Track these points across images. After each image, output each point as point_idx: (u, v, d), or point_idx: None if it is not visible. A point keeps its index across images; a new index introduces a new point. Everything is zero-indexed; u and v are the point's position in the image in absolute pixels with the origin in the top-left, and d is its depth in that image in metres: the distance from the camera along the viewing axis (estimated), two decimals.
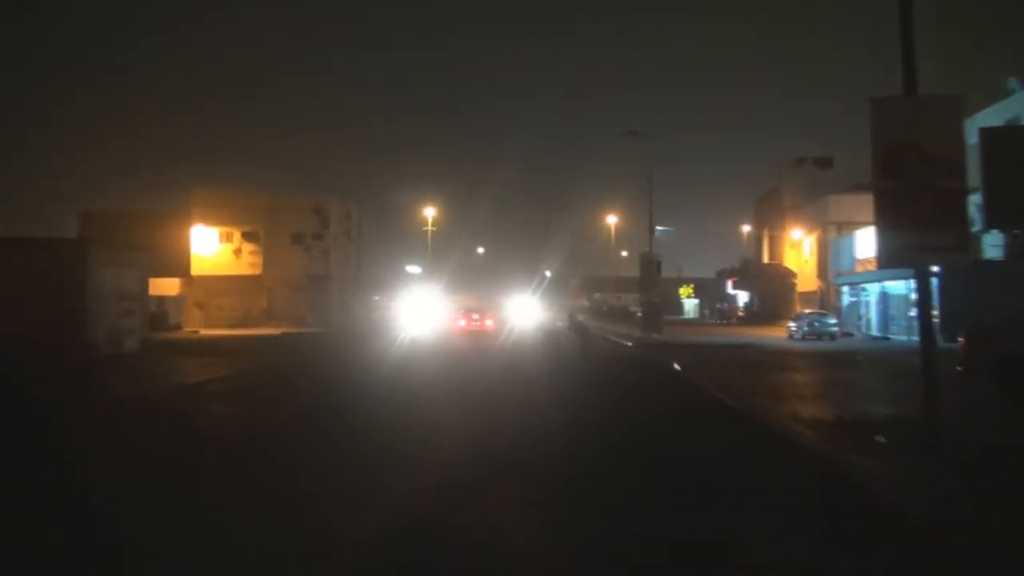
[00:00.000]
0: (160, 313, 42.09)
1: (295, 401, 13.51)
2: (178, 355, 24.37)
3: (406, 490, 7.01)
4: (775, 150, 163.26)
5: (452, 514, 6.31)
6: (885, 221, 9.20)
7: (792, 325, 38.53)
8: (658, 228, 41.02)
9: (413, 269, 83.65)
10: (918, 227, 8.99)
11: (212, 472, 7.80)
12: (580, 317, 28.38)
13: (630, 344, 32.36)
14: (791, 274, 59.06)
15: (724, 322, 65.68)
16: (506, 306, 60.15)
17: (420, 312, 55.00)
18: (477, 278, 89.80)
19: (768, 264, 64.45)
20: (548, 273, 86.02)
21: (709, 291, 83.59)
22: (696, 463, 8.25)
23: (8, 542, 5.58)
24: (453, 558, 5.33)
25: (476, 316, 43.64)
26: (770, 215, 64.89)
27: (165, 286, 45.77)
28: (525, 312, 51.98)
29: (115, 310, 23.64)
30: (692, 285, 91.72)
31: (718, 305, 72.94)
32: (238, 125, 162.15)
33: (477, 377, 17.88)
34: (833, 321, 37.77)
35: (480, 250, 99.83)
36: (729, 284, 72.97)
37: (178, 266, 49.63)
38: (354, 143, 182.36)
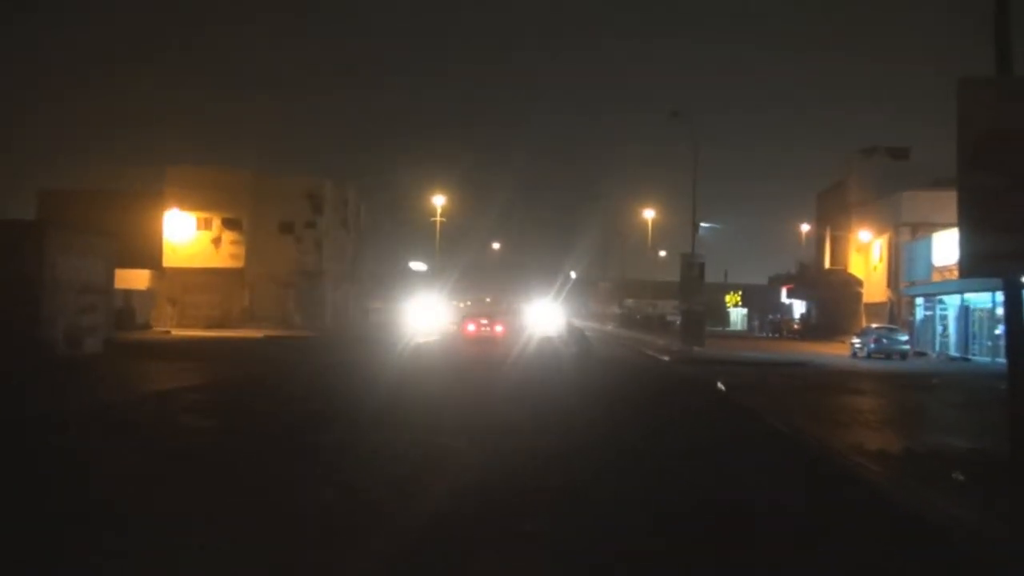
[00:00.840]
0: (127, 309, 42.38)
1: (271, 422, 13.33)
2: (147, 359, 24.40)
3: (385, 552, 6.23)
4: (842, 138, 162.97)
5: None
6: (970, 222, 9.08)
7: (856, 341, 38.34)
8: (702, 225, 40.64)
9: (418, 266, 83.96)
10: (1009, 229, 8.86)
11: (165, 511, 7.26)
12: (577, 322, 28.30)
13: (666, 359, 32.33)
14: (856, 282, 58.69)
15: (776, 336, 65.38)
16: (523, 311, 60.16)
17: (425, 316, 55.16)
18: (491, 278, 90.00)
19: (829, 270, 64.10)
20: (573, 274, 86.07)
21: (759, 300, 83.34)
22: (739, 502, 8.14)
23: None
24: None
25: (485, 321, 43.71)
26: (833, 213, 64.52)
27: (133, 279, 46.08)
28: (546, 318, 51.95)
29: (75, 305, 23.54)
30: (740, 292, 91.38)
31: (770, 316, 72.64)
32: (224, 99, 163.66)
33: (485, 396, 17.73)
34: (904, 338, 37.56)
35: (496, 246, 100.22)
36: (783, 292, 72.70)
37: (149, 256, 50.15)
38: (355, 122, 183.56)
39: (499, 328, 43.14)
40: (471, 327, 43.02)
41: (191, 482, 8.39)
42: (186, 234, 53.13)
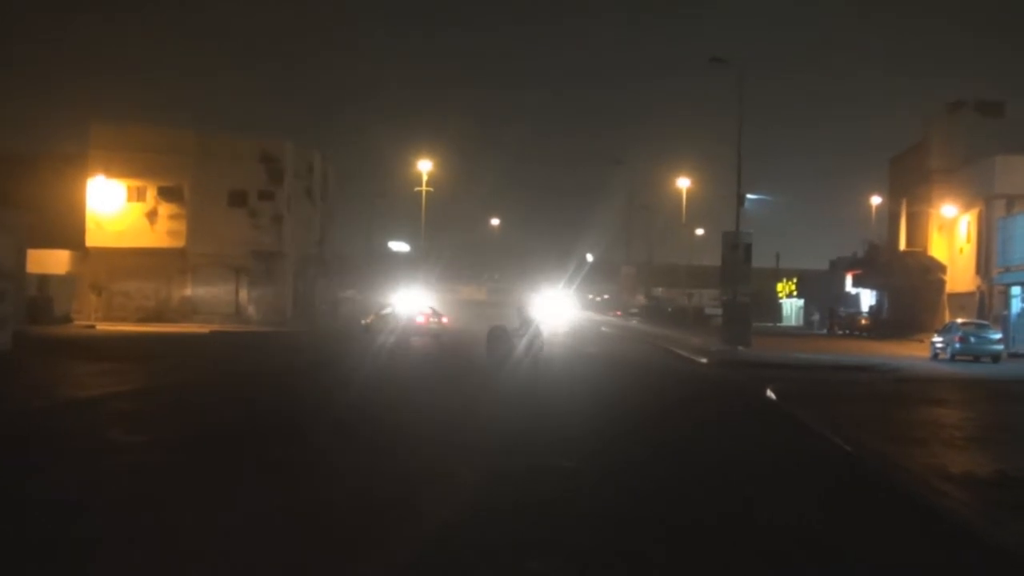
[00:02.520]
0: (42, 299, 42.39)
1: (218, 437, 13.36)
2: (65, 358, 24.35)
3: None
4: (921, 90, 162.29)
5: None
6: None
7: (938, 340, 38.17)
8: (748, 196, 40.59)
9: (399, 246, 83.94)
10: None
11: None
12: (529, 312, 28.02)
13: (704, 361, 32.35)
14: (938, 267, 58.53)
15: (839, 333, 65.19)
16: (528, 300, 60.15)
17: (408, 307, 55.19)
18: (489, 261, 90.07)
19: (905, 252, 63.90)
20: (590, 257, 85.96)
21: (819, 289, 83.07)
22: (795, 540, 8.10)
23: None
24: None
25: (426, 314, 44.94)
26: (910, 183, 64.29)
27: (50, 261, 46.24)
28: (555, 310, 51.99)
29: None
30: (795, 280, 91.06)
31: (832, 309, 72.41)
32: (172, 51, 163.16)
33: (478, 405, 17.74)
34: (997, 336, 37.34)
35: (495, 222, 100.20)
36: (848, 279, 72.44)
37: (68, 234, 49.99)
38: (322, 74, 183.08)
39: (445, 320, 44.94)
40: (420, 319, 43.90)
41: (107, 516, 8.29)
42: (114, 206, 52.86)
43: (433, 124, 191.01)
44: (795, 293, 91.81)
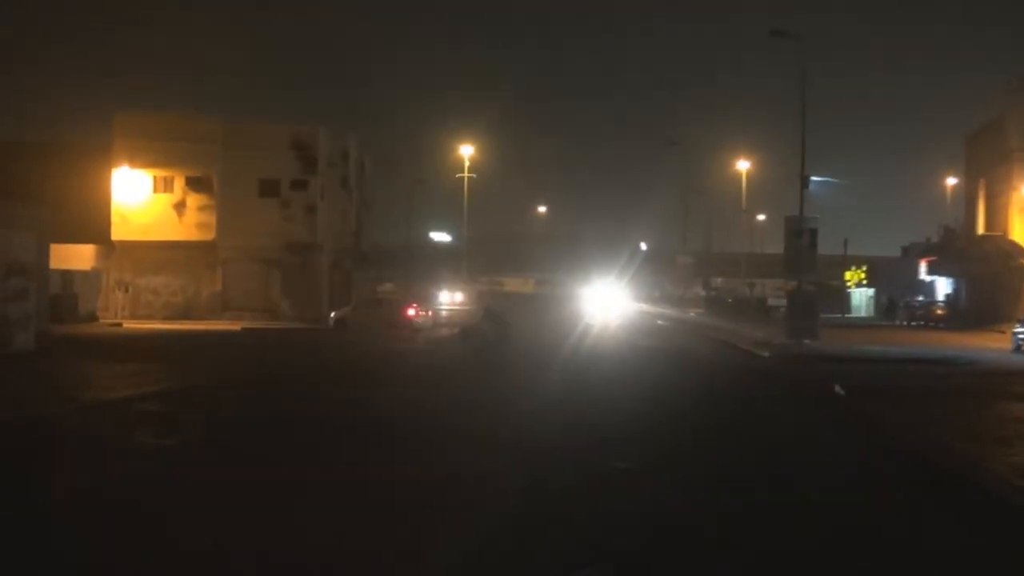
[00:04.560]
0: (66, 296, 42.80)
1: (257, 441, 13.28)
2: (91, 359, 24.47)
3: None
4: (999, 63, 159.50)
5: None
6: None
7: (1020, 331, 37.49)
8: (813, 178, 39.80)
9: (440, 237, 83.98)
10: None
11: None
12: (494, 306, 27.80)
13: (766, 355, 32.12)
14: (1020, 252, 57.51)
15: (915, 324, 64.33)
16: (578, 293, 60.12)
17: (449, 301, 55.38)
18: (536, 251, 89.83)
19: (984, 237, 62.87)
20: (644, 246, 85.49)
21: (891, 277, 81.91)
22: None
23: None
24: None
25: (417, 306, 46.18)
26: (989, 162, 63.21)
27: (74, 256, 46.65)
28: (607, 302, 51.90)
29: None
30: (864, 268, 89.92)
31: (906, 299, 71.46)
32: (197, 36, 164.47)
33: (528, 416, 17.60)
34: None
35: (542, 209, 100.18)
36: (922, 267, 71.46)
37: (93, 227, 50.51)
38: (357, 54, 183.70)
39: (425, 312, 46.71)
40: (412, 311, 45.09)
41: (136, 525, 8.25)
42: (140, 198, 53.24)
43: (475, 105, 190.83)
44: (865, 282, 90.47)
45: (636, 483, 10.42)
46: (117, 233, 52.71)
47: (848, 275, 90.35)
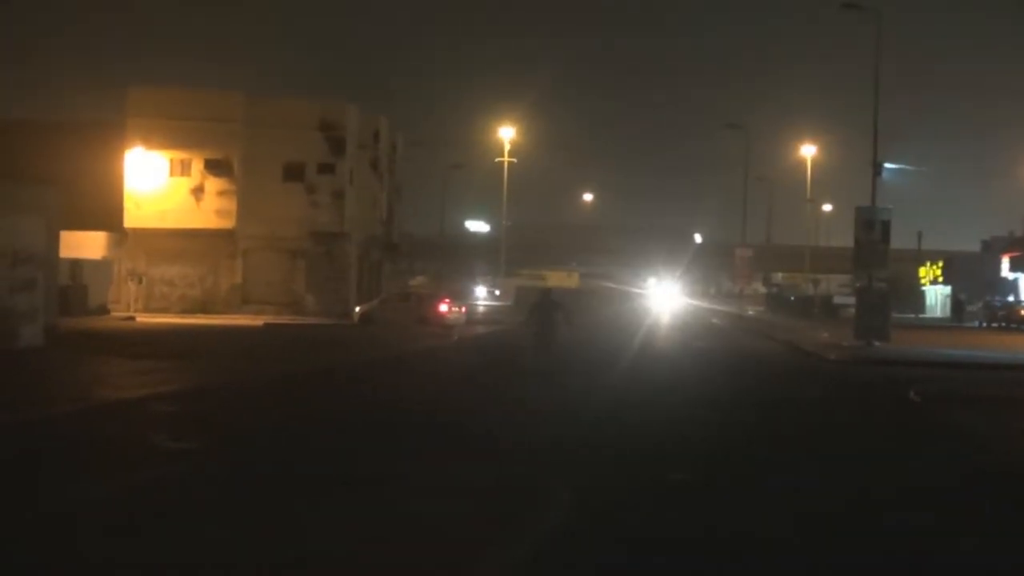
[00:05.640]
0: (76, 287, 42.54)
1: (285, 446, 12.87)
2: (103, 354, 24.49)
3: None
4: None
5: None
6: None
7: None
8: (886, 166, 39.21)
9: (478, 226, 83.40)
10: None
11: None
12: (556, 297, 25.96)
13: (832, 358, 31.84)
14: None
15: (995, 325, 63.10)
16: (626, 288, 59.57)
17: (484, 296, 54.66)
18: (581, 243, 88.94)
19: None
20: (699, 238, 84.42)
21: (970, 274, 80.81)
22: None
23: None
24: None
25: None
26: None
27: (84, 244, 46.03)
28: (660, 299, 51.64)
29: (5, 281, 23.87)
30: (941, 264, 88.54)
31: (987, 298, 70.31)
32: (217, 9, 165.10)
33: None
34: None
35: (588, 197, 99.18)
36: (1004, 263, 70.91)
37: (105, 213, 49.58)
38: (388, 30, 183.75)
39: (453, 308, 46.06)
40: (444, 307, 44.69)
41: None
42: (155, 182, 52.02)
43: (517, 84, 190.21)
44: (940, 279, 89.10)
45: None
46: (130, 220, 51.66)
47: (922, 271, 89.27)
